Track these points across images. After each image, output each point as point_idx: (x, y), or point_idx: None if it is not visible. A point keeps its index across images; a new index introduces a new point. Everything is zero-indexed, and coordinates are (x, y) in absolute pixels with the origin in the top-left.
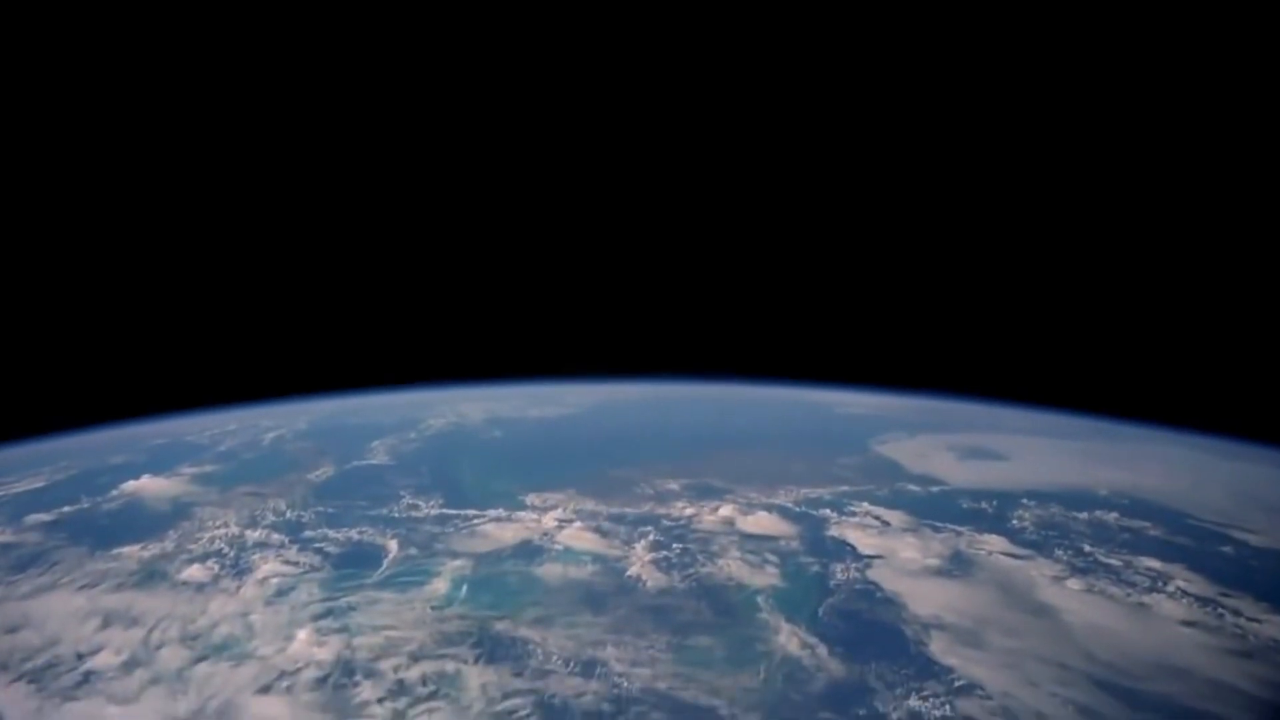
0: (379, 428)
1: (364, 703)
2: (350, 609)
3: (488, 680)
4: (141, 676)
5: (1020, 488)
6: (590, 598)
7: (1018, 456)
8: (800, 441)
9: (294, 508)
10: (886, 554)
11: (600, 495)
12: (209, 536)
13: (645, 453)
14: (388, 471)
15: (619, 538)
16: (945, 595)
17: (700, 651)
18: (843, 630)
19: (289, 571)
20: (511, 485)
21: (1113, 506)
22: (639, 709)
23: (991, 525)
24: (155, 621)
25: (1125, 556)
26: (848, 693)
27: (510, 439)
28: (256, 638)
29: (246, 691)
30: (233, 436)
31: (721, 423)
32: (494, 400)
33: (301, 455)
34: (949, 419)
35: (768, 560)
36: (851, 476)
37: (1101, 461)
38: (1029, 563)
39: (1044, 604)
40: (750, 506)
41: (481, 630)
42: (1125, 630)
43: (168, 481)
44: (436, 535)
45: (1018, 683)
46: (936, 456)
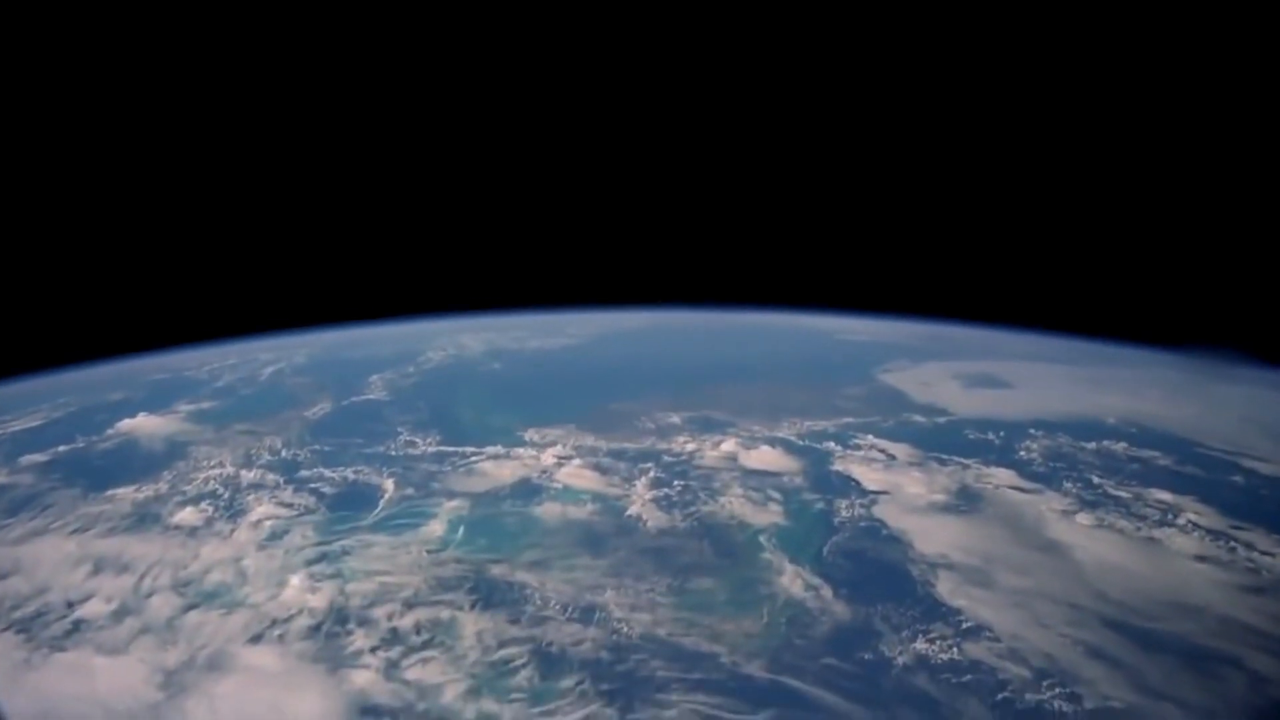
0: (378, 361)
1: (357, 652)
2: (344, 553)
3: (483, 628)
4: (131, 626)
5: (1027, 417)
6: (589, 539)
7: (1023, 384)
8: (803, 371)
9: (290, 446)
10: (892, 489)
11: (600, 430)
12: (203, 477)
13: (646, 385)
14: (385, 407)
15: (619, 475)
16: (952, 532)
17: (702, 595)
18: (847, 570)
19: (283, 514)
20: (510, 420)
21: (1121, 436)
22: (638, 657)
23: (999, 457)
24: (146, 567)
25: (1135, 488)
26: (852, 636)
27: (510, 371)
28: (248, 584)
29: (237, 641)
30: (231, 371)
31: (723, 352)
32: (494, 331)
33: (299, 391)
34: (953, 346)
35: (771, 497)
36: (856, 407)
37: (1108, 387)
38: (1037, 496)
39: (1053, 540)
40: (753, 440)
41: (478, 574)
42: (1136, 567)
43: (164, 420)
44: (433, 474)
45: (1027, 624)
46: (942, 385)
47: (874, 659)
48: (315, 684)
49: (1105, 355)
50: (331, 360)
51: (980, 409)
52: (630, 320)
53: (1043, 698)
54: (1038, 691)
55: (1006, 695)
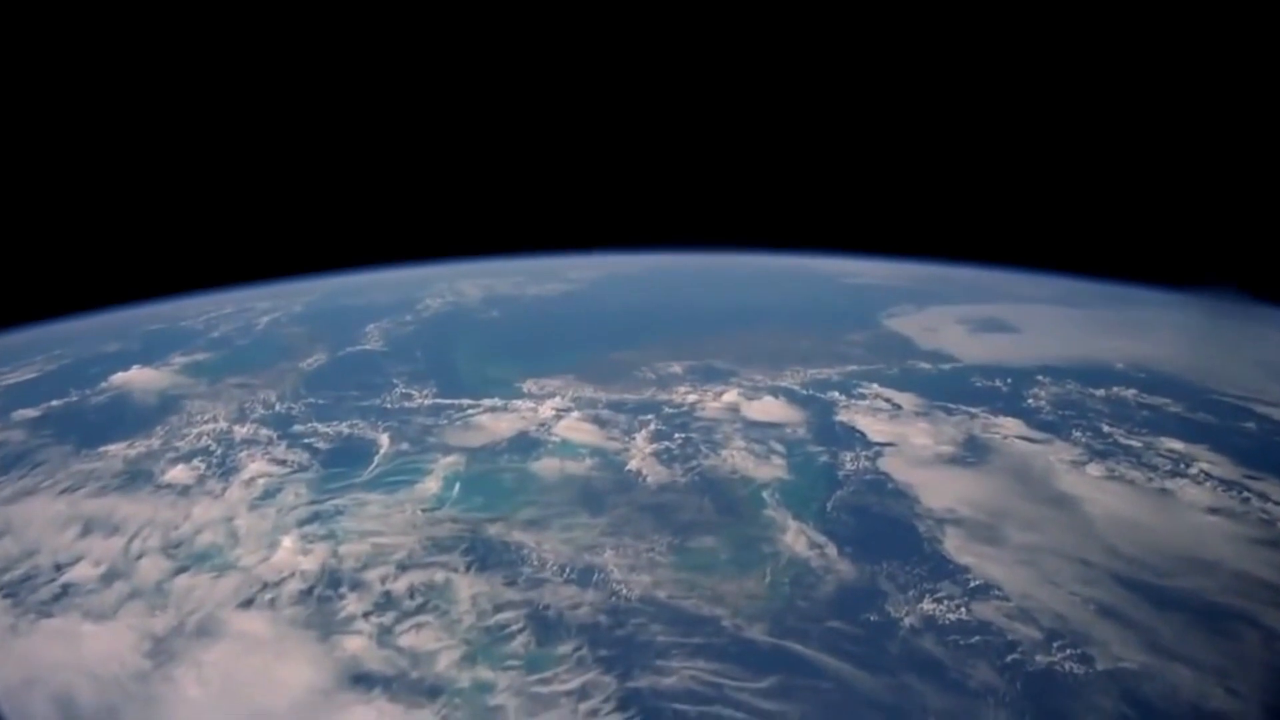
0: (375, 309)
1: (349, 617)
2: (337, 513)
3: (478, 591)
4: (120, 590)
5: (1034, 363)
6: (588, 496)
7: (1030, 328)
8: (806, 316)
9: (284, 399)
10: (898, 441)
11: (600, 381)
12: (196, 433)
13: (647, 332)
14: (382, 358)
15: (618, 428)
16: (959, 486)
17: (702, 554)
18: (852, 527)
19: (276, 472)
20: (508, 371)
21: (1130, 381)
22: (637, 621)
23: (1006, 406)
24: (137, 529)
25: (1146, 437)
26: (857, 597)
27: (508, 319)
28: (239, 546)
29: (228, 606)
30: (227, 321)
31: (725, 297)
32: (493, 277)
33: (295, 341)
34: (959, 288)
35: (774, 450)
36: (860, 355)
37: (1116, 330)
38: (1046, 447)
39: (1063, 493)
40: (755, 390)
41: (473, 534)
42: (1148, 520)
43: (158, 373)
44: (429, 428)
45: (1037, 582)
46: (947, 330)
47: (880, 620)
48: (306, 651)
49: (1112, 296)
50: (329, 308)
51: (987, 355)
52: (631, 264)
53: (1053, 659)
54: (1048, 653)
55: (1016, 657)
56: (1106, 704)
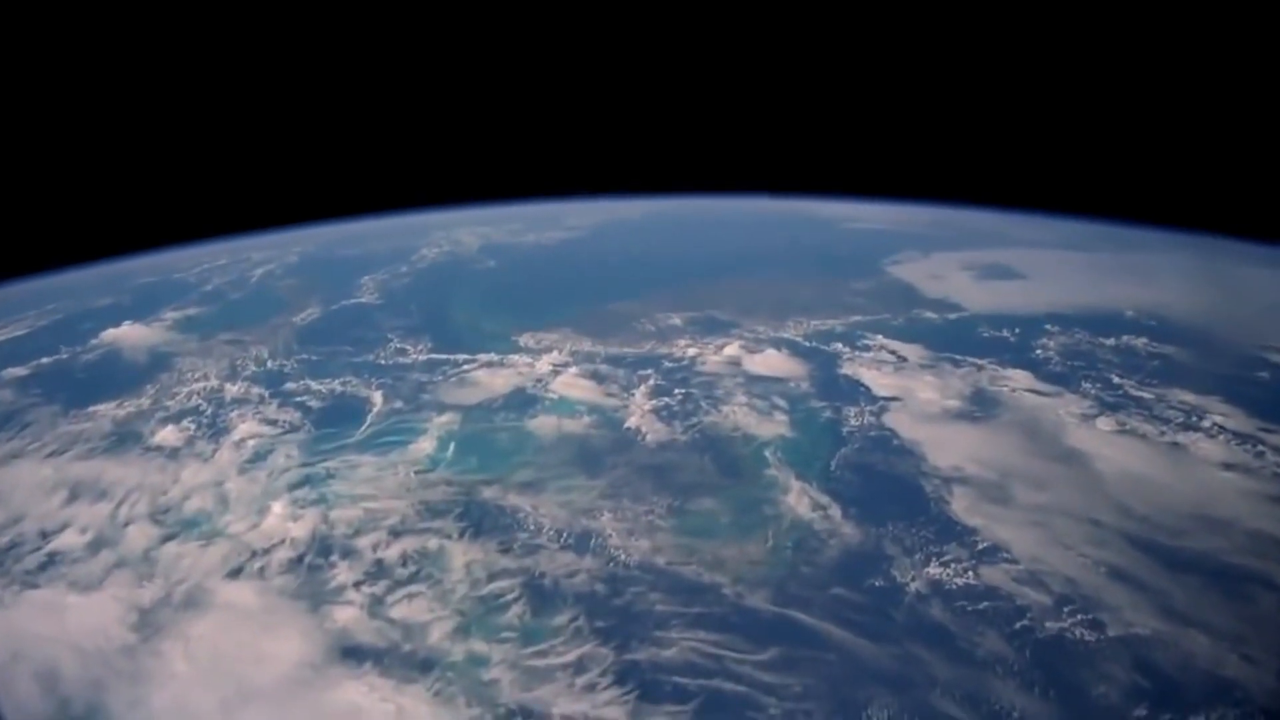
0: (371, 260)
1: (339, 587)
2: (329, 476)
3: (473, 558)
4: (106, 559)
5: (1042, 311)
6: (585, 456)
7: (1037, 274)
8: (809, 264)
9: (277, 356)
10: (903, 395)
11: (598, 333)
12: (186, 391)
13: (646, 281)
14: (376, 311)
15: (617, 383)
16: (967, 442)
17: (703, 517)
18: (857, 487)
19: (267, 433)
20: (505, 324)
21: (1140, 330)
22: (635, 589)
23: (1014, 357)
24: (124, 494)
25: (1157, 388)
26: (862, 562)
27: (505, 269)
28: (229, 511)
29: (215, 576)
30: (221, 273)
31: (726, 244)
32: (491, 224)
33: (289, 294)
34: (963, 233)
35: (776, 406)
36: (864, 304)
37: (1125, 275)
38: (1055, 400)
39: (1073, 449)
40: (757, 342)
41: (468, 498)
42: (1161, 477)
43: (149, 329)
44: (424, 385)
45: (1047, 544)
46: (953, 277)
47: (885, 586)
48: (295, 623)
49: (1120, 239)
50: (324, 259)
51: (994, 303)
52: (631, 209)
53: (1064, 625)
54: (1058, 619)
55: (1025, 624)
56: (1119, 673)
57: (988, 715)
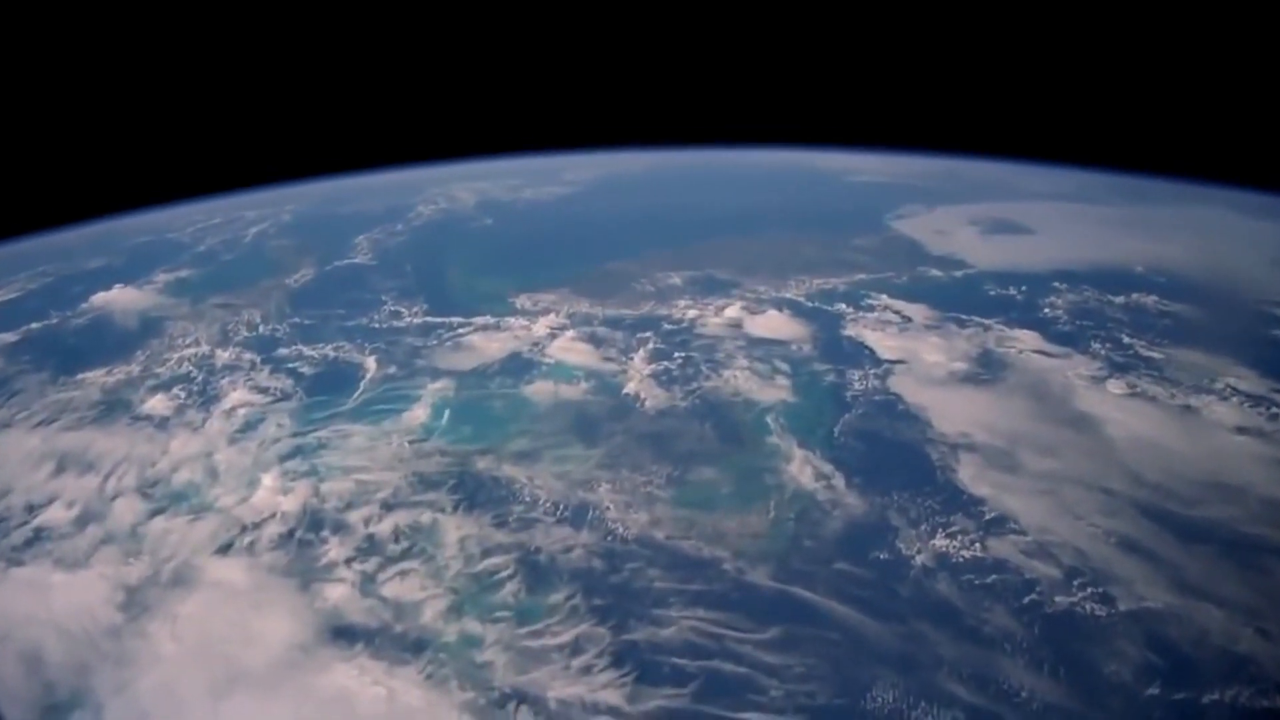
0: (366, 218)
1: (330, 564)
2: (320, 447)
3: (467, 533)
4: (93, 535)
5: (1050, 267)
6: (582, 423)
7: (1044, 229)
8: (812, 219)
9: (269, 320)
10: (908, 357)
11: (596, 294)
12: (177, 358)
13: (646, 239)
14: (370, 272)
15: (615, 347)
16: (974, 407)
17: (703, 487)
18: (861, 454)
19: (257, 401)
20: (501, 285)
21: (1150, 287)
22: (633, 565)
23: (1021, 316)
24: (112, 466)
25: (1168, 348)
26: (867, 534)
27: (502, 227)
28: (218, 484)
29: (204, 552)
30: (215, 233)
31: (727, 199)
32: (488, 180)
33: (282, 255)
34: (969, 185)
35: (778, 370)
36: (868, 261)
37: (1134, 228)
38: (1064, 361)
39: (1083, 414)
40: (759, 303)
41: (462, 469)
42: (1173, 443)
43: (140, 292)
44: (418, 349)
45: (1056, 514)
46: (958, 233)
47: (890, 560)
48: (285, 602)
49: (1130, 191)
50: (319, 217)
51: (1000, 259)
52: (630, 163)
53: (1073, 600)
54: (1068, 593)
55: (1034, 599)
56: (1130, 650)
57: (995, 695)
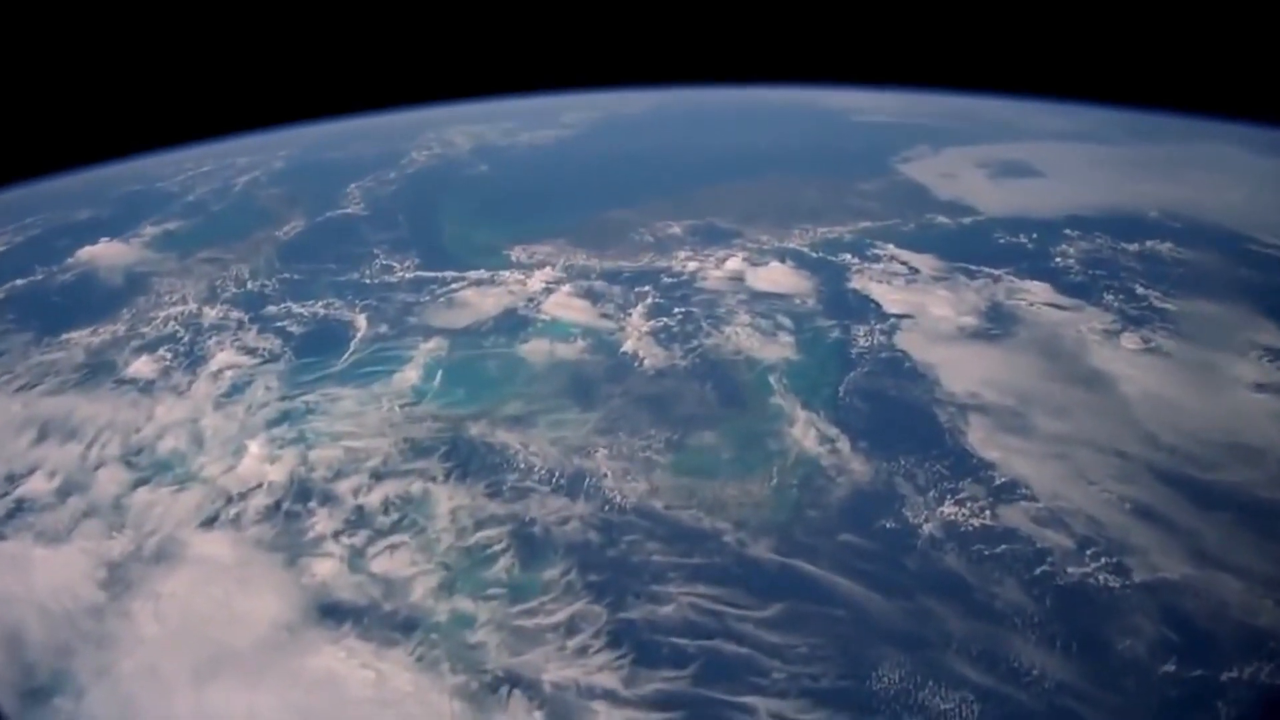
0: (359, 164)
1: (318, 538)
2: (308, 412)
3: (459, 504)
4: (75, 507)
5: (1061, 213)
6: (579, 385)
7: (1055, 171)
8: (816, 162)
9: (257, 276)
10: (915, 311)
11: (593, 246)
12: (164, 316)
13: (645, 185)
14: (362, 223)
15: (613, 302)
16: (983, 365)
17: (703, 453)
18: (867, 416)
19: (245, 362)
20: (496, 236)
21: (1165, 233)
22: (631, 538)
23: (1032, 266)
24: (95, 432)
25: (1183, 299)
26: (872, 502)
27: (497, 174)
28: (204, 452)
29: (189, 525)
30: (205, 181)
31: (728, 141)
32: (485, 122)
33: (272, 205)
34: (977, 124)
35: (781, 325)
36: (874, 208)
37: (1147, 169)
38: (1076, 314)
39: (1096, 371)
40: (761, 254)
41: (454, 434)
42: (1189, 401)
43: (127, 246)
44: (410, 306)
45: (1068, 479)
46: (966, 176)
47: (897, 529)
48: (271, 578)
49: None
50: (311, 164)
51: (1009, 205)
52: (630, 104)
53: (1086, 571)
54: (1081, 563)
55: (1045, 569)
56: (1145, 624)
57: (1005, 675)
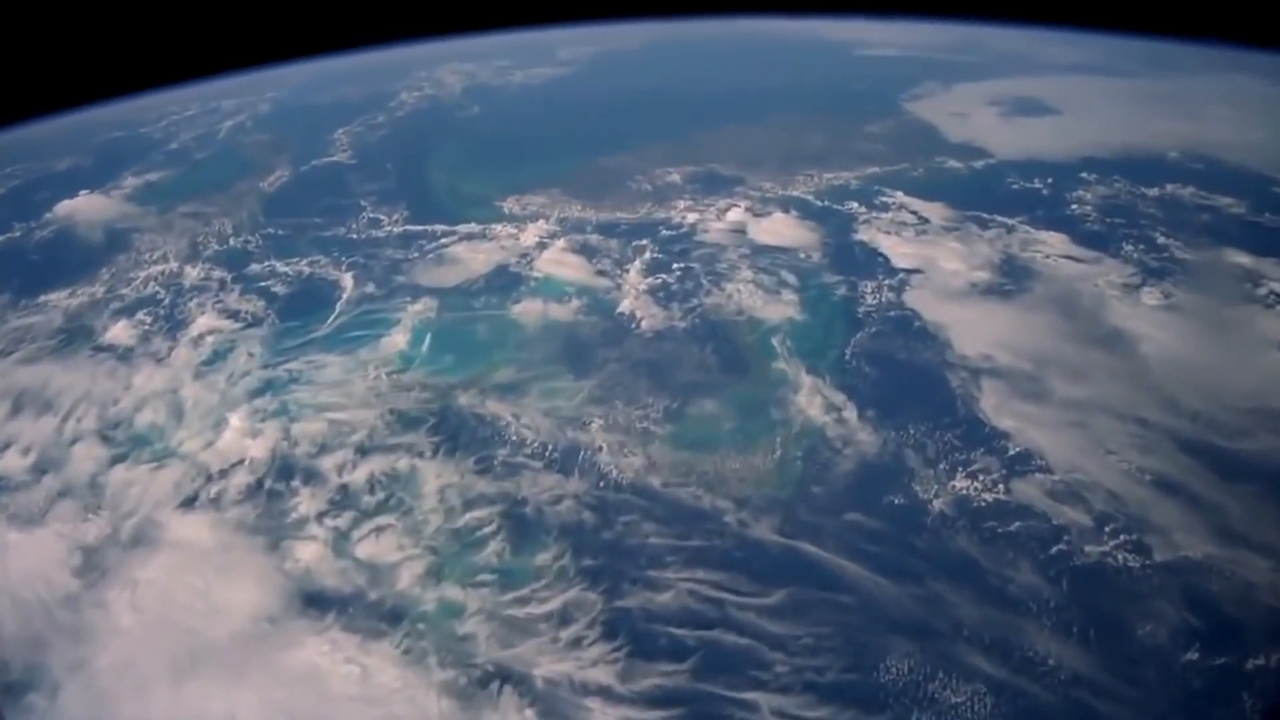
0: (346, 107)
1: (301, 520)
2: (291, 381)
3: (447, 482)
4: (50, 486)
5: (1077, 154)
6: (573, 350)
7: (1070, 108)
8: (821, 101)
9: (240, 231)
10: (925, 265)
11: (589, 196)
12: (144, 276)
13: (643, 127)
14: (349, 172)
15: (609, 257)
16: (997, 324)
17: (703, 423)
18: (874, 381)
19: (227, 327)
20: (487, 185)
21: (1186, 175)
22: (627, 519)
23: (1047, 214)
24: (72, 404)
25: (1206, 249)
26: (880, 476)
27: (490, 117)
28: (183, 426)
29: (167, 506)
30: (189, 127)
31: (730, 78)
32: (477, 60)
33: (257, 152)
34: (988, 58)
35: (784, 282)
36: (882, 152)
37: (1167, 104)
38: (1094, 267)
39: (1115, 330)
40: (764, 203)
41: (443, 405)
42: (1212, 361)
43: (107, 200)
44: (398, 263)
45: (1086, 449)
46: (978, 115)
47: (906, 505)
48: (252, 564)
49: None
50: (298, 107)
51: (1023, 146)
52: (628, 38)
53: (1104, 550)
54: (1099, 542)
55: (1061, 548)
56: (1166, 609)
57: (1019, 665)
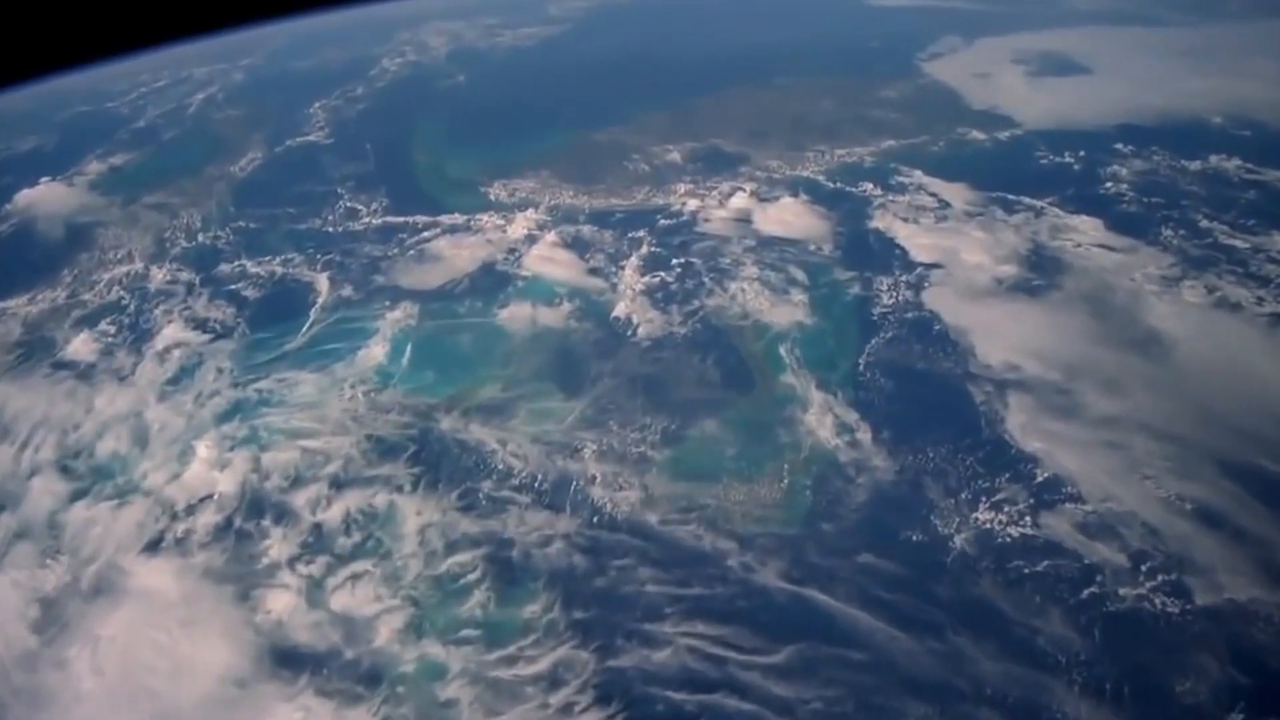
0: (325, 75)
1: (272, 565)
2: (261, 402)
3: (428, 520)
4: (6, 526)
5: (1111, 122)
6: (564, 363)
7: (1102, 66)
8: (831, 61)
9: (210, 225)
10: (946, 259)
11: (582, 179)
12: (107, 279)
13: (640, 94)
14: (325, 154)
15: (603, 252)
16: (1024, 327)
17: (705, 448)
18: (890, 397)
19: (194, 340)
20: (473, 168)
21: (1232, 146)
22: (621, 563)
23: (1079, 195)
24: (30, 430)
25: (1253, 234)
26: (897, 509)
27: (477, 84)
28: (147, 455)
29: (130, 550)
30: (157, 100)
31: (733, 36)
32: (464, 18)
33: (229, 130)
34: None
35: (793, 280)
36: (898, 122)
37: (1205, 59)
38: (1130, 257)
39: (1153, 332)
40: (771, 186)
41: (424, 430)
42: (1262, 369)
43: (68, 189)
44: (376, 261)
45: (1121, 474)
46: (1002, 75)
47: (925, 542)
48: (220, 617)
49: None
50: (274, 76)
51: (1052, 112)
52: None
53: (1140, 592)
54: (1134, 584)
55: (1094, 591)
56: (1208, 663)
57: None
